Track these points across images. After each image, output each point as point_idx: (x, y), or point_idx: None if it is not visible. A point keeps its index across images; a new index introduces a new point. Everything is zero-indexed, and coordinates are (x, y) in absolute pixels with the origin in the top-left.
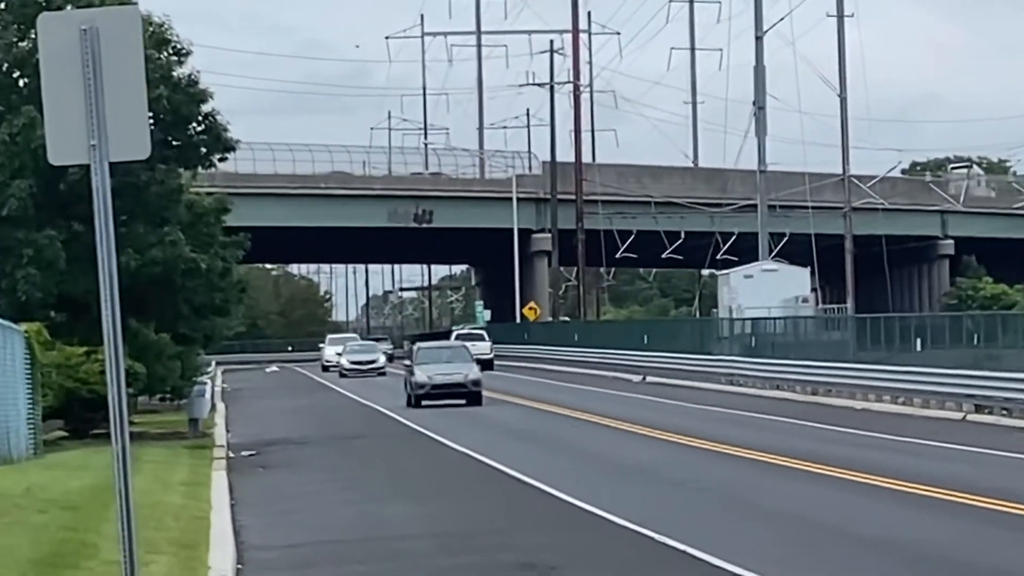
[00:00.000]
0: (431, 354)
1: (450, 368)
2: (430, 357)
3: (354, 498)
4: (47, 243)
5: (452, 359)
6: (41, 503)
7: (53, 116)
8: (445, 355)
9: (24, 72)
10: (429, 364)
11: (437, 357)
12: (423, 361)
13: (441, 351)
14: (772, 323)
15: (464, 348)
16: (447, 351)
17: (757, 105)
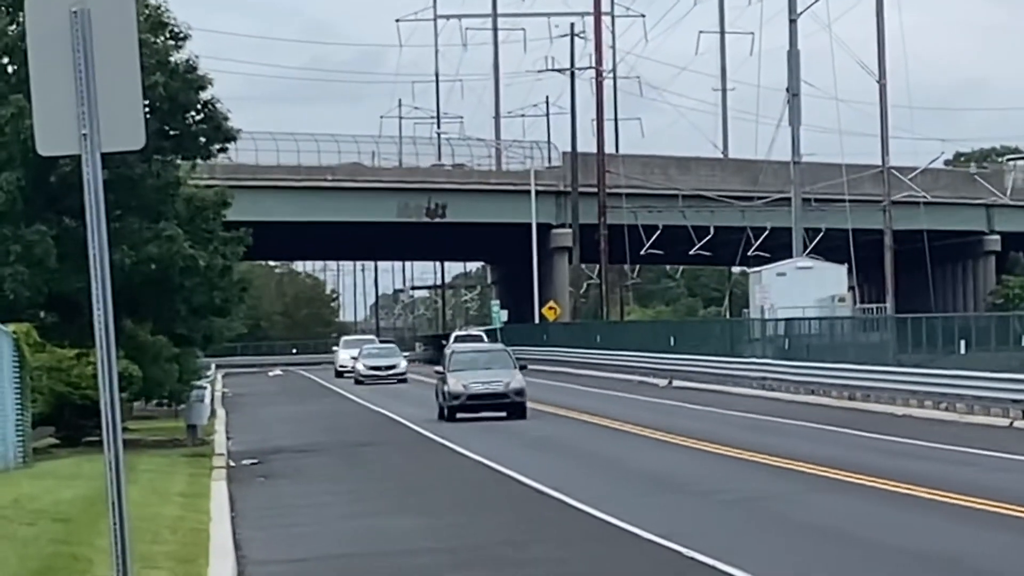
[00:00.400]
0: (467, 359)
1: (489, 375)
2: (466, 362)
3: (361, 510)
4: (36, 239)
5: (491, 364)
6: (30, 515)
7: (42, 104)
8: (483, 360)
9: (14, 59)
10: (464, 370)
11: (474, 362)
12: (458, 367)
13: (478, 355)
14: (807, 324)
15: (506, 352)
16: (485, 355)
17: (791, 92)
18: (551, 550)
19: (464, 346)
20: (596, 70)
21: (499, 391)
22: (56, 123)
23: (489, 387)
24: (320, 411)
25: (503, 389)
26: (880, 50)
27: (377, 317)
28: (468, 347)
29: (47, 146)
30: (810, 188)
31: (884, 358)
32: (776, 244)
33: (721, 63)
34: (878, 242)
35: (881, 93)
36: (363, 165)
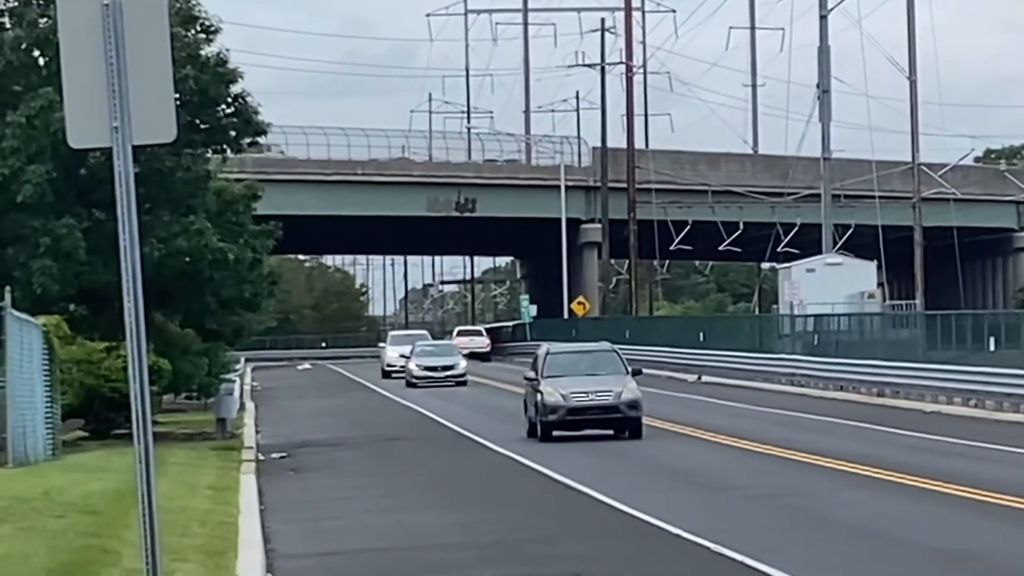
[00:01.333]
0: (566, 361)
1: (594, 384)
2: (565, 366)
3: (391, 504)
4: (65, 232)
5: (596, 368)
6: (59, 507)
7: (73, 97)
8: (586, 363)
9: (45, 51)
10: (563, 376)
11: (574, 366)
12: (554, 372)
13: (581, 357)
14: (836, 320)
15: (614, 354)
16: (589, 357)
17: (821, 88)
18: (580, 546)
19: (562, 346)
20: (626, 65)
21: (607, 402)
22: (87, 116)
23: (595, 398)
24: (348, 404)
25: (612, 400)
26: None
27: (407, 312)
28: (567, 347)
29: (78, 139)
30: (840, 184)
31: (913, 355)
32: (806, 240)
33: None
34: (908, 239)
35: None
36: (392, 160)
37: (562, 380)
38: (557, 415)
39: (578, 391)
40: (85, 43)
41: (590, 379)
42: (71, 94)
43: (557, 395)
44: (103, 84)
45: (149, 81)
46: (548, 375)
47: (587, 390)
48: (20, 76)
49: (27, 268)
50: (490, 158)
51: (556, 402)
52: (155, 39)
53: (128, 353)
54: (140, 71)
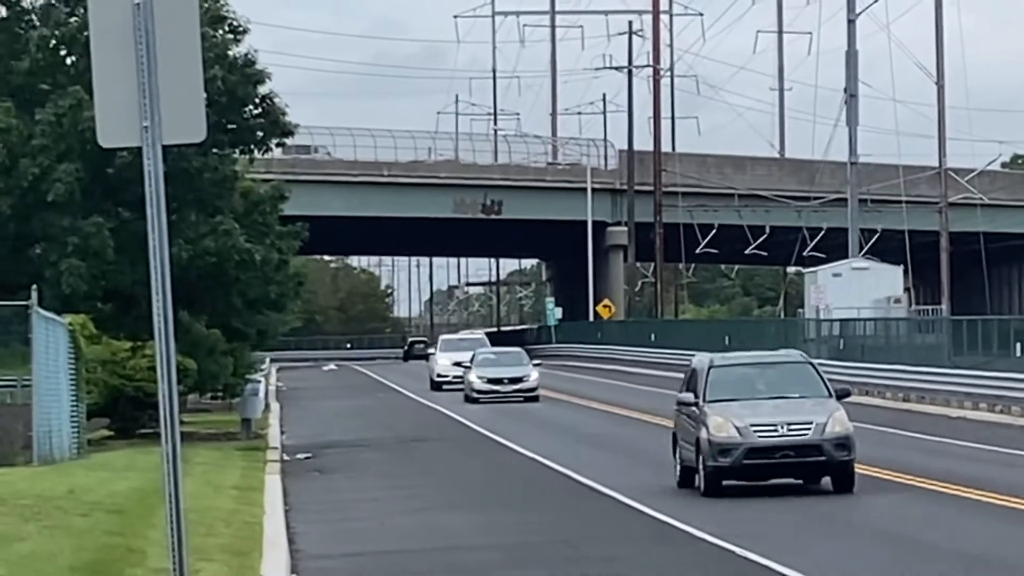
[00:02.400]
0: (739, 378)
1: (783, 412)
2: (737, 385)
3: (415, 505)
4: (94, 231)
5: (784, 386)
6: (85, 506)
7: (104, 96)
8: (769, 380)
9: (73, 50)
10: (736, 401)
11: (751, 385)
12: (721, 392)
13: (761, 372)
14: (862, 325)
15: (809, 367)
16: (773, 372)
17: (848, 92)
18: (605, 548)
19: (733, 356)
20: (654, 68)
21: (807, 441)
22: (117, 115)
23: (788, 434)
24: (373, 405)
25: (812, 438)
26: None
27: (432, 313)
28: (739, 357)
29: (108, 138)
30: (867, 189)
31: (939, 360)
32: (832, 244)
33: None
34: (934, 244)
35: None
36: (418, 162)
37: (735, 407)
38: (731, 458)
39: (763, 424)
40: (116, 43)
41: (776, 406)
42: (101, 93)
43: (730, 428)
44: (133, 83)
45: (179, 81)
46: (713, 397)
47: (775, 422)
48: (48, 75)
49: (55, 267)
50: (517, 160)
51: (731, 439)
52: (186, 39)
53: (156, 353)
54: (170, 71)
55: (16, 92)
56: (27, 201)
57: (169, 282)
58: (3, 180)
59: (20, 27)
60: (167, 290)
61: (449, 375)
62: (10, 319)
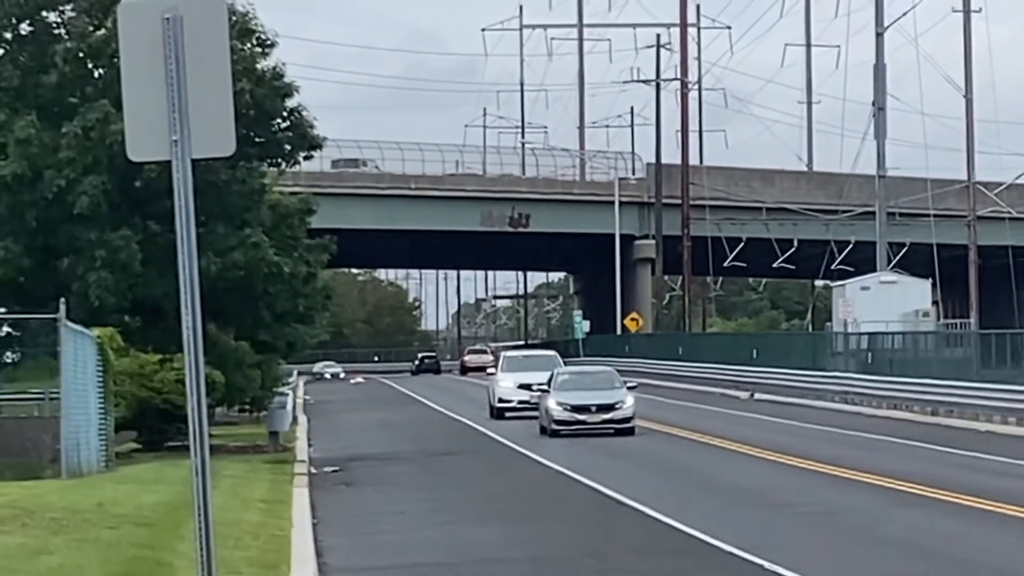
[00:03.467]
0: None
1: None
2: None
3: (444, 519)
4: (122, 244)
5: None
6: (113, 519)
7: (133, 110)
8: None
9: (99, 62)
10: None
11: None
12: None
13: None
14: (890, 338)
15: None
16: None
17: (877, 106)
18: (632, 562)
19: None
20: (682, 81)
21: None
22: (147, 129)
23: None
24: (401, 419)
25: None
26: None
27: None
28: None
29: (137, 152)
30: (895, 202)
31: (968, 374)
32: (860, 258)
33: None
34: (963, 257)
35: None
36: (446, 175)
37: None
38: None
39: None
40: (145, 56)
41: None
42: (131, 107)
43: None
44: (163, 97)
45: (209, 94)
46: None
47: None
48: (75, 88)
49: (83, 280)
50: (544, 173)
51: None
52: (215, 52)
53: (185, 365)
54: (200, 84)
55: (44, 105)
56: (52, 214)
57: (199, 295)
58: (28, 192)
59: (45, 41)
60: (197, 303)
61: (513, 400)
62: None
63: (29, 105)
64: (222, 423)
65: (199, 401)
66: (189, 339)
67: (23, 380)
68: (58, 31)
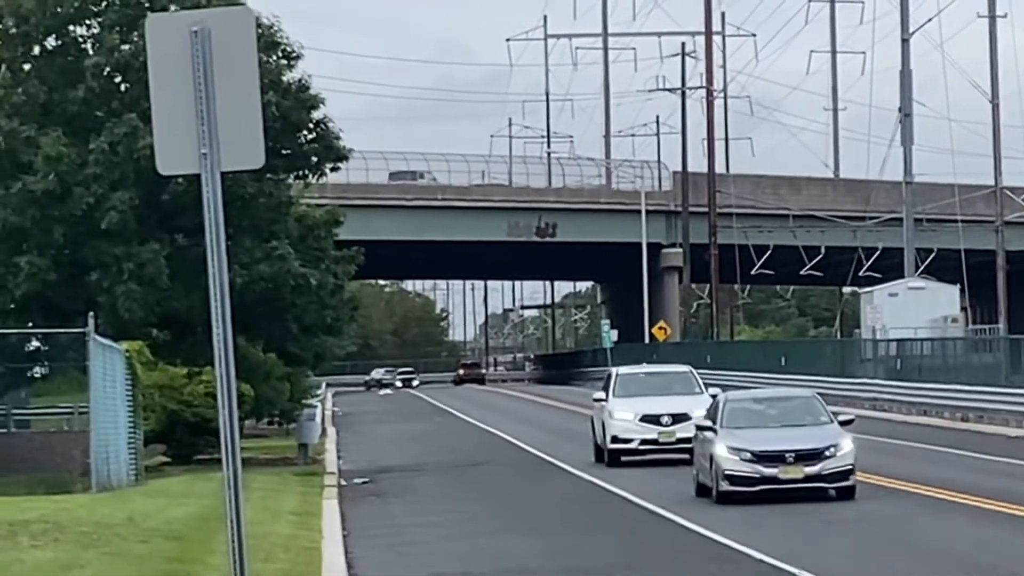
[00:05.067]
0: None
1: None
2: None
3: (474, 530)
4: (150, 258)
5: None
6: (143, 532)
7: (162, 123)
8: None
9: (126, 77)
10: None
11: None
12: None
13: None
14: (919, 344)
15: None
16: None
17: (903, 112)
18: (668, 573)
19: None
20: (707, 89)
21: None
22: (176, 142)
23: None
24: (430, 430)
25: None
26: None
27: (487, 337)
28: None
29: (167, 165)
30: (922, 208)
31: (997, 379)
32: (888, 264)
33: (832, 82)
34: (991, 263)
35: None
36: (472, 185)
37: None
38: None
39: None
40: (174, 69)
41: None
42: (159, 120)
43: None
44: (191, 110)
45: (237, 107)
46: None
47: None
48: (102, 103)
49: (111, 294)
50: (570, 183)
51: None
52: (243, 64)
53: (216, 378)
54: (228, 97)
55: (71, 120)
56: (80, 229)
57: (229, 308)
58: (57, 208)
59: (72, 56)
60: (227, 316)
61: (634, 438)
62: (67, 346)
63: (56, 121)
64: (251, 436)
65: (231, 413)
66: (220, 352)
67: (52, 394)
68: (84, 45)
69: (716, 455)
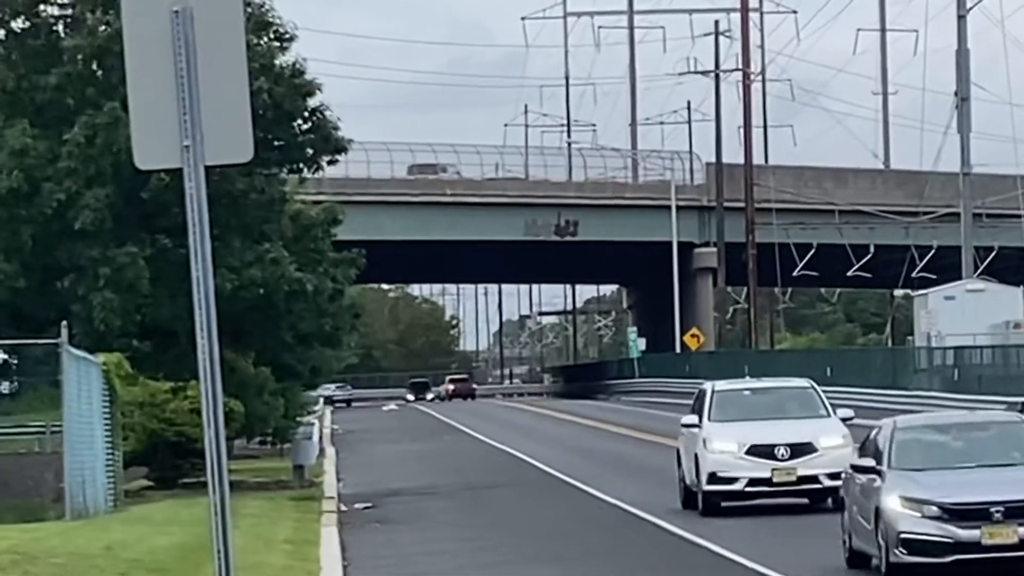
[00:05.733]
0: None
1: None
2: None
3: (487, 559)
4: (128, 261)
5: None
6: (123, 564)
7: (140, 113)
8: None
9: (104, 62)
10: None
11: None
12: None
13: None
14: (978, 353)
15: None
16: None
17: (959, 96)
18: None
19: None
20: (743, 72)
21: None
22: (155, 134)
23: None
24: (438, 449)
25: None
26: None
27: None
28: None
29: (145, 159)
30: (981, 202)
31: None
32: (943, 264)
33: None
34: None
35: None
36: (485, 179)
37: None
38: None
39: None
40: (153, 54)
41: None
42: (137, 110)
43: None
44: (173, 99)
45: (223, 95)
46: None
47: None
48: (75, 90)
49: (86, 302)
50: (593, 176)
51: None
52: (230, 48)
53: (201, 394)
54: (213, 84)
55: (41, 110)
56: (51, 230)
57: (215, 317)
58: (24, 207)
59: (43, 40)
60: (213, 325)
61: (739, 476)
62: (39, 359)
63: (24, 111)
64: (242, 456)
65: (217, 433)
66: (205, 365)
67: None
68: (56, 27)
69: (886, 508)
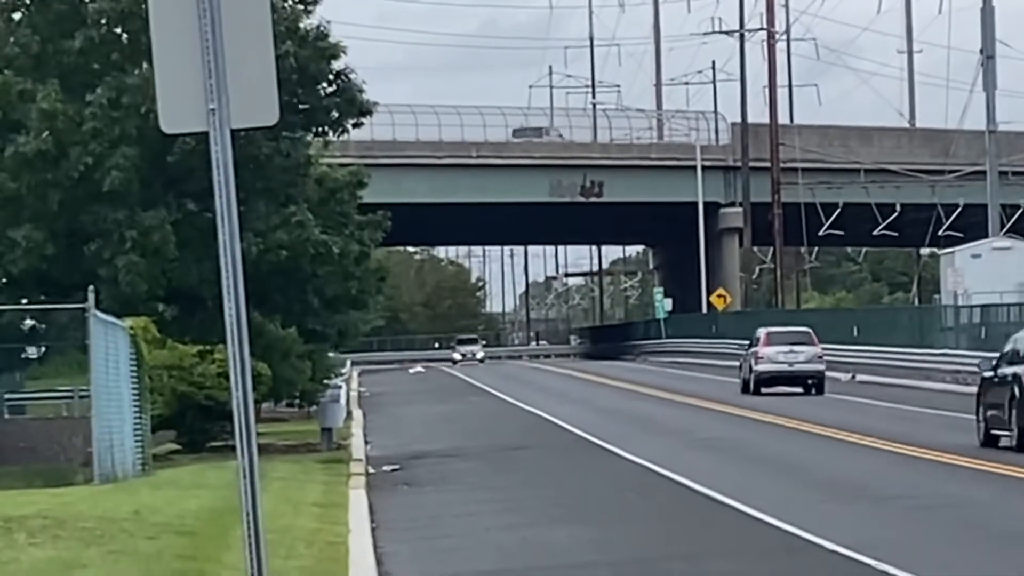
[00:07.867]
0: None
1: None
2: None
3: (515, 521)
4: (155, 225)
5: None
6: (151, 528)
7: (166, 77)
8: None
9: (129, 26)
10: None
11: None
12: None
13: None
14: (1005, 311)
15: None
16: None
17: (985, 54)
18: (727, 564)
19: None
20: (768, 31)
21: None
22: (181, 98)
23: None
24: (465, 411)
25: None
26: None
27: (527, 307)
28: None
29: (171, 123)
30: (1008, 160)
31: None
32: (970, 223)
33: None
34: None
35: None
36: (510, 141)
37: None
38: None
39: None
40: (178, 17)
41: None
42: (163, 74)
43: None
44: (198, 62)
45: (249, 58)
46: None
47: None
48: (100, 54)
49: (112, 265)
50: (618, 137)
51: None
52: (255, 11)
53: (229, 358)
54: (239, 47)
55: (66, 74)
56: (78, 194)
57: (241, 280)
58: (52, 171)
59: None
60: (240, 288)
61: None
62: (66, 324)
63: (50, 74)
64: (269, 419)
65: (245, 396)
66: (232, 328)
67: (50, 377)
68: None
69: None
